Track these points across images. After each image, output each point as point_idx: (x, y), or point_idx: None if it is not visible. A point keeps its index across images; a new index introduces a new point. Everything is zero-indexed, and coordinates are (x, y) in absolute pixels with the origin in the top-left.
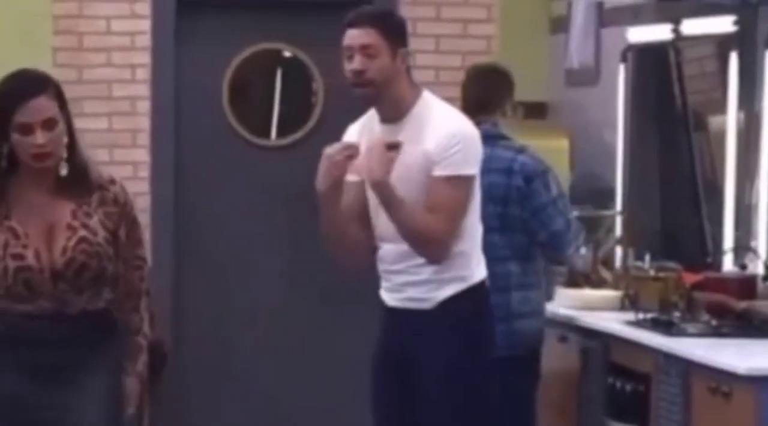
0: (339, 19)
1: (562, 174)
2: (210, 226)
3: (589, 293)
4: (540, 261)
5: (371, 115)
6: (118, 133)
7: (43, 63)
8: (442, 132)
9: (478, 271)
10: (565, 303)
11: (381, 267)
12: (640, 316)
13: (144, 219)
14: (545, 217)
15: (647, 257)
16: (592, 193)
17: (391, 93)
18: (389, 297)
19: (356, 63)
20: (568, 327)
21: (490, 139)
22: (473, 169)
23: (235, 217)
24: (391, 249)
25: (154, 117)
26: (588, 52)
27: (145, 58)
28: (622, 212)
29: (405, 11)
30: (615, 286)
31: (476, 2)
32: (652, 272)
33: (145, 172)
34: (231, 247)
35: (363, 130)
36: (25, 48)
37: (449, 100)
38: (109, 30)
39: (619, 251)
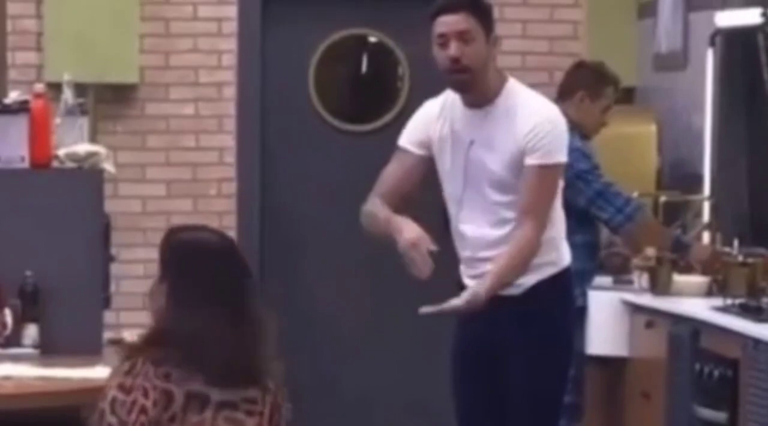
0: (424, 4)
1: (649, 159)
2: (296, 211)
3: (677, 279)
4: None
5: (453, 99)
6: (204, 118)
7: (130, 49)
8: (532, 120)
9: (565, 256)
10: (654, 289)
11: (464, 254)
12: (729, 301)
13: (230, 205)
14: (581, 184)
15: (735, 242)
16: (680, 178)
17: (484, 79)
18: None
19: (453, 49)
20: (656, 312)
21: None
22: (563, 156)
23: (321, 203)
24: (477, 236)
25: (240, 103)
26: (676, 37)
27: (232, 44)
28: (710, 197)
29: None
30: (703, 272)
31: None
32: (740, 257)
33: (231, 158)
34: (317, 232)
35: (444, 113)
36: (114, 33)
37: (535, 85)
38: (196, 16)
39: (707, 236)
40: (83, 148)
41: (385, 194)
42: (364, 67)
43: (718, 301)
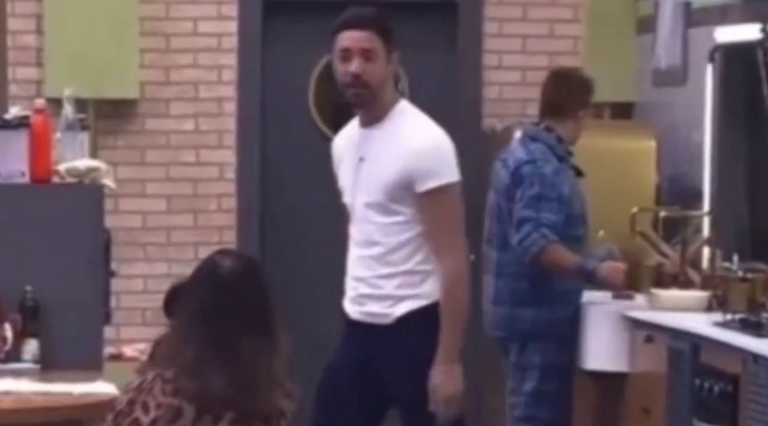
0: (425, 21)
1: (649, 174)
2: (296, 227)
3: (676, 294)
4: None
5: (353, 123)
6: (204, 134)
7: (131, 64)
8: (419, 144)
9: (436, 290)
10: (653, 304)
11: (349, 273)
12: (729, 316)
13: (230, 220)
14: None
15: (735, 258)
16: (680, 193)
17: (381, 98)
18: (352, 309)
19: (355, 66)
20: (656, 328)
21: (529, 139)
22: (454, 175)
23: (321, 219)
24: (359, 255)
25: (241, 118)
26: (675, 52)
27: (232, 59)
28: (710, 213)
29: (491, 12)
30: (703, 287)
31: (563, 2)
32: (740, 273)
33: (231, 174)
34: (317, 248)
35: (347, 135)
36: (114, 49)
37: (535, 101)
38: (196, 31)
39: (706, 252)
40: (84, 163)
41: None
42: None
43: (718, 317)
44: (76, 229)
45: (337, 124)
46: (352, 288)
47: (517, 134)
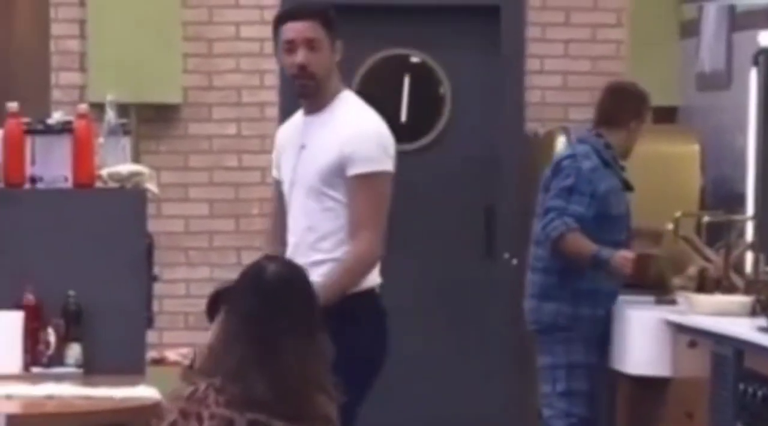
0: (468, 25)
1: (693, 179)
2: None
3: (720, 299)
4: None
5: (299, 113)
6: (246, 138)
7: (173, 69)
8: (355, 129)
9: (372, 276)
10: (696, 309)
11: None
12: None
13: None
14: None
15: None
16: (724, 197)
17: (326, 87)
18: None
19: (300, 56)
20: (699, 333)
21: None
22: (389, 165)
23: None
24: (293, 242)
25: (282, 122)
26: (719, 56)
27: (274, 64)
28: (754, 217)
29: (534, 16)
30: (746, 292)
31: (606, 7)
32: None
33: (272, 178)
34: None
35: (290, 125)
36: (157, 54)
37: (577, 105)
38: (239, 36)
39: (750, 256)
40: (126, 168)
41: (274, 232)
42: (406, 87)
43: (762, 321)
44: (119, 234)
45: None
46: None
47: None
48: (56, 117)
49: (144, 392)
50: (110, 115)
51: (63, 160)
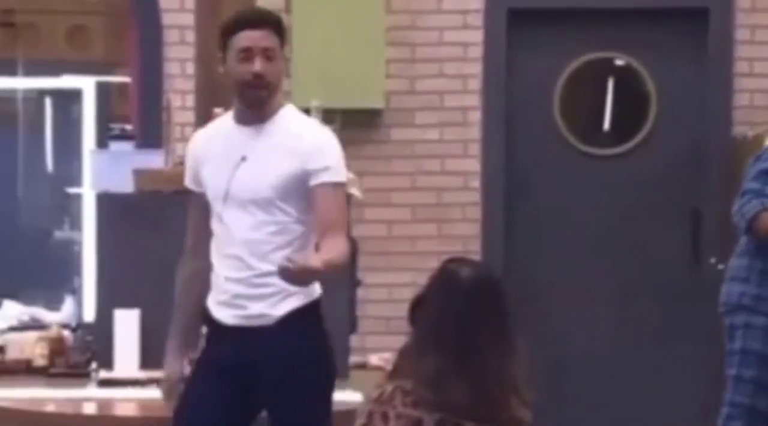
0: (675, 28)
1: None
2: (542, 236)
3: None
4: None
5: (224, 121)
6: (449, 143)
7: (376, 74)
8: (317, 139)
9: (317, 286)
10: None
11: (218, 274)
12: None
13: (475, 230)
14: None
15: None
16: None
17: (275, 97)
18: (225, 314)
19: (258, 65)
20: None
21: None
22: (345, 176)
23: (567, 228)
24: (235, 254)
25: (486, 127)
26: None
27: (477, 68)
28: None
29: (743, 18)
30: None
31: None
32: None
33: (476, 182)
34: (562, 258)
35: (212, 135)
36: (360, 59)
37: None
38: (442, 41)
39: None
40: None
41: (196, 246)
42: (610, 91)
43: None
44: None
45: (583, 132)
46: (223, 291)
47: None
48: None
49: (348, 397)
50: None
51: None
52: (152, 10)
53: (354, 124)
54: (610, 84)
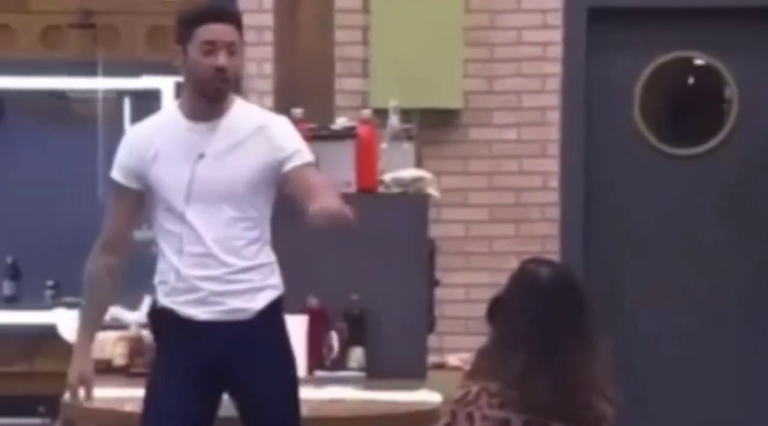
0: (759, 27)
1: None
2: (621, 236)
3: None
4: None
5: (170, 115)
6: (527, 143)
7: (454, 73)
8: (280, 128)
9: (281, 281)
10: None
11: (182, 274)
12: None
13: (553, 230)
14: None
15: None
16: None
17: (232, 91)
18: (198, 311)
19: (222, 59)
20: None
21: None
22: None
23: (647, 228)
24: (205, 253)
25: (564, 127)
26: None
27: (556, 68)
28: None
29: None
30: None
31: None
32: None
33: (554, 182)
34: (640, 258)
35: (158, 131)
36: (438, 59)
37: None
38: (520, 40)
39: None
40: (409, 173)
41: (113, 241)
42: (690, 90)
43: None
44: (401, 239)
45: (663, 132)
46: (192, 290)
47: None
48: (340, 123)
49: (426, 397)
50: (393, 120)
51: (347, 165)
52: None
53: (432, 124)
54: (691, 83)
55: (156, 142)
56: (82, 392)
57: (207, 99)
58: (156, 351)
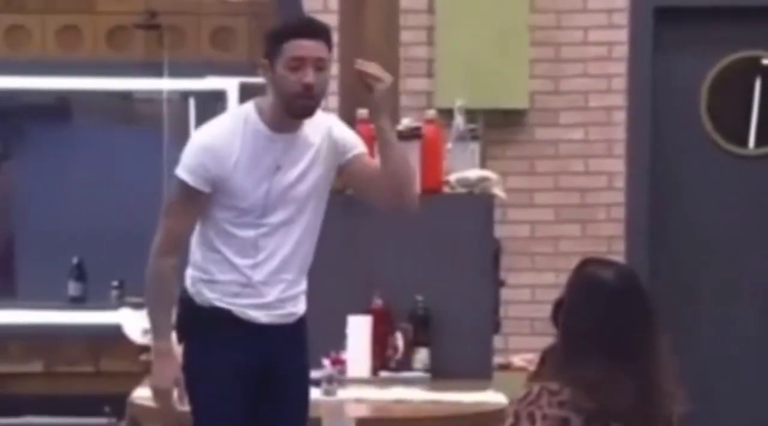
0: None
1: None
2: (686, 237)
3: None
4: None
5: (250, 122)
6: (593, 143)
7: (520, 74)
8: (336, 130)
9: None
10: None
11: (257, 281)
12: None
13: (619, 230)
14: None
15: None
16: None
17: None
18: (260, 314)
19: (310, 76)
20: None
21: None
22: None
23: (713, 229)
24: (288, 257)
25: (630, 127)
26: None
27: (622, 67)
28: None
29: None
30: None
31: None
32: None
33: (620, 183)
34: (707, 258)
35: (242, 139)
36: (503, 59)
37: None
38: (586, 40)
39: None
40: (474, 173)
41: (177, 243)
42: (757, 90)
43: None
44: (467, 239)
45: (730, 132)
46: (261, 294)
47: None
48: (405, 123)
49: (491, 397)
50: (459, 120)
51: (413, 165)
52: (296, 11)
53: (497, 125)
54: (758, 83)
55: (237, 149)
56: (176, 396)
57: (293, 115)
58: (191, 353)
